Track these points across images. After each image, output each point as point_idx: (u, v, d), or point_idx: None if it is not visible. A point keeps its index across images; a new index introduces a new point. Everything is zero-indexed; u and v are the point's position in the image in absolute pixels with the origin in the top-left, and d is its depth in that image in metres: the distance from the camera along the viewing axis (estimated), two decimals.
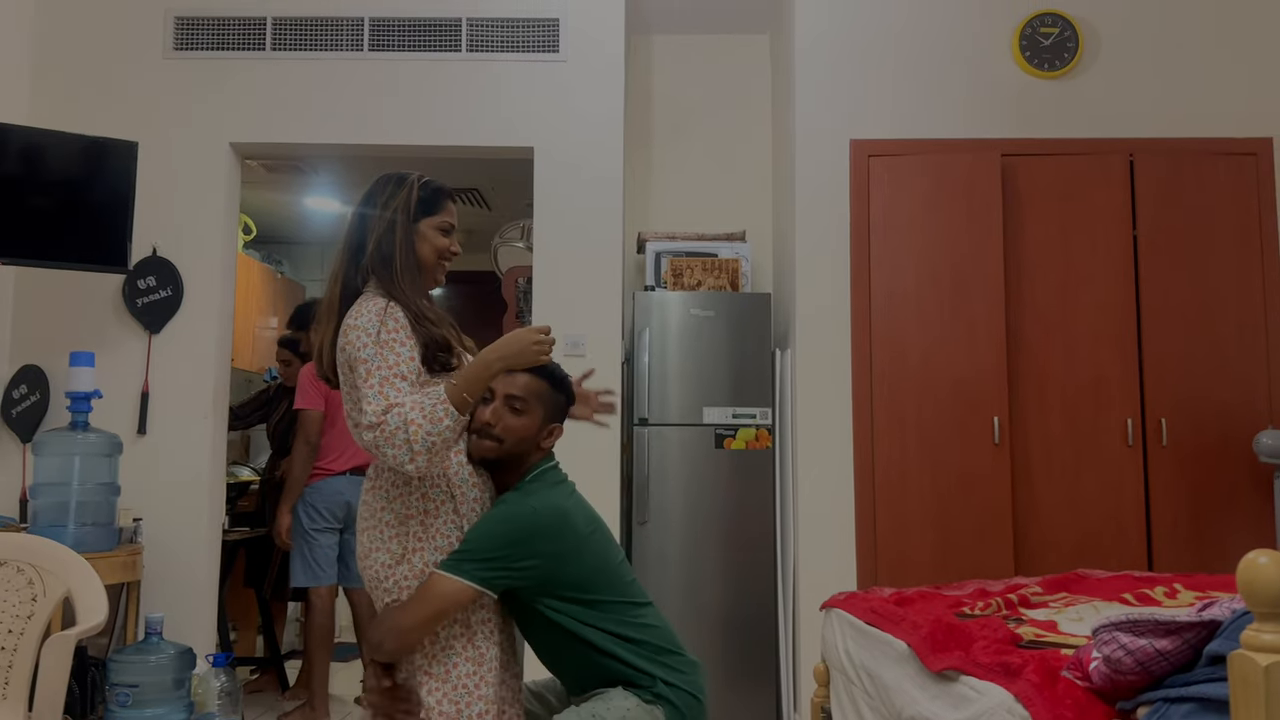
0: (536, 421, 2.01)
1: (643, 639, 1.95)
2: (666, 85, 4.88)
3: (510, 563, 1.84)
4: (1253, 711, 0.97)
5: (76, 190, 3.68)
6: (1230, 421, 3.93)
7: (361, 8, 4.19)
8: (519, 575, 1.86)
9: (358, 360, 1.86)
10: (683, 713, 1.91)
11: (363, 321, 1.89)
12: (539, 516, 1.89)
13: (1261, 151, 4.05)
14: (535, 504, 1.90)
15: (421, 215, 2.02)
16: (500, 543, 1.84)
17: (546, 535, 1.88)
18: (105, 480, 3.52)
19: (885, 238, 4.05)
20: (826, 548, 3.95)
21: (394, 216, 2.00)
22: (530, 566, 1.86)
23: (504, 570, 1.84)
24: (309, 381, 4.16)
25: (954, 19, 4.17)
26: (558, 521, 1.91)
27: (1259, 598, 0.97)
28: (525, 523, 1.87)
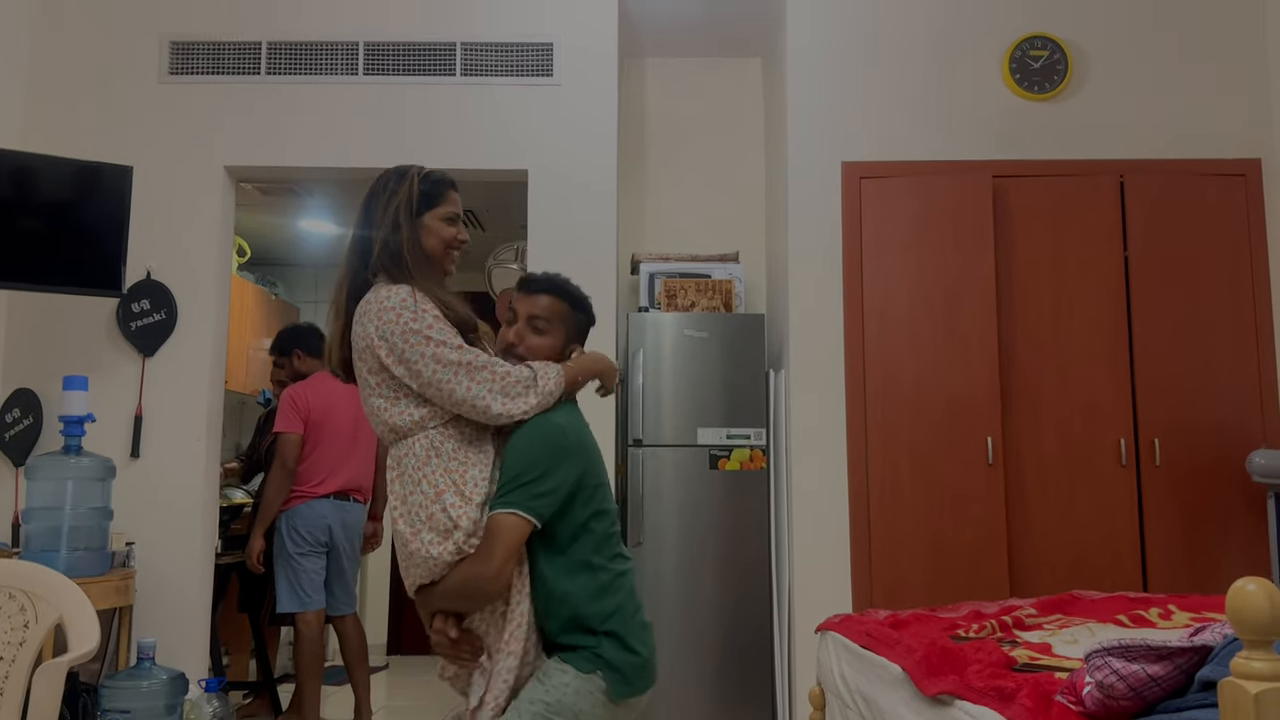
0: (559, 341, 2.05)
1: (618, 586, 1.92)
2: (660, 108, 4.91)
3: (547, 483, 1.85)
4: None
5: (71, 214, 3.69)
6: (1223, 441, 3.94)
7: (356, 32, 4.21)
8: (554, 496, 1.86)
9: (416, 345, 1.85)
10: (624, 674, 1.85)
11: (394, 302, 1.88)
12: (566, 431, 1.92)
13: (1250, 173, 4.08)
14: (560, 420, 1.93)
15: (425, 208, 2.02)
16: (534, 462, 1.86)
17: (574, 450, 1.91)
18: (98, 504, 3.50)
19: (878, 259, 4.06)
20: (821, 569, 3.94)
21: (397, 213, 2.00)
22: (562, 483, 1.87)
23: (544, 492, 1.85)
24: (288, 405, 4.15)
25: (945, 42, 4.21)
26: (581, 435, 1.95)
27: (1248, 625, 0.97)
28: (555, 435, 1.90)
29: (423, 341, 1.86)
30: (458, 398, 1.86)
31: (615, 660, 1.85)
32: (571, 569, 1.88)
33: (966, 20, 4.22)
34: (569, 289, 2.08)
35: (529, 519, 1.83)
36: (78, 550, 3.41)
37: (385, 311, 1.87)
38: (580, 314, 2.10)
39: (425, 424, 1.90)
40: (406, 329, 1.85)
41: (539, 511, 1.84)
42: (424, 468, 1.87)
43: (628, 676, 1.85)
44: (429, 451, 1.88)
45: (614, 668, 1.84)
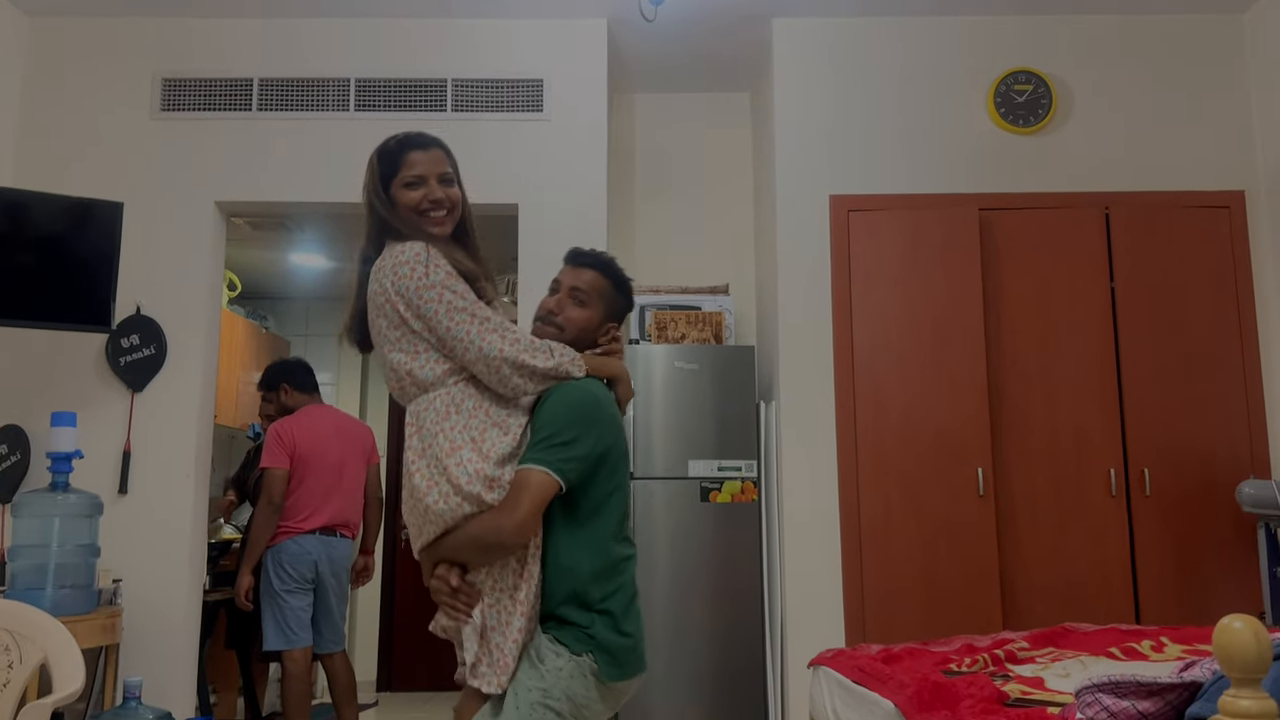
0: (596, 316, 2.06)
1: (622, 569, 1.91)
2: (650, 141, 4.94)
3: (578, 448, 1.85)
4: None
5: (60, 250, 3.69)
6: (1212, 471, 3.95)
7: (348, 69, 4.24)
8: (583, 460, 1.86)
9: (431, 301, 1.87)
10: (614, 656, 1.83)
11: (408, 257, 1.90)
12: (599, 398, 1.93)
13: (1234, 204, 4.13)
14: (591, 388, 1.94)
15: (388, 181, 2.03)
16: (565, 422, 1.86)
17: (606, 420, 1.92)
18: (85, 541, 3.48)
19: (866, 290, 4.09)
20: (814, 601, 3.93)
21: (371, 199, 2.04)
22: (592, 450, 1.87)
23: (576, 454, 1.85)
24: (274, 440, 4.13)
25: (930, 77, 4.26)
26: (613, 408, 1.96)
27: (1234, 663, 0.97)
28: (590, 402, 1.91)
29: (436, 296, 1.87)
30: (473, 350, 1.87)
31: (607, 641, 1.83)
32: (585, 543, 1.88)
33: (951, 55, 4.27)
34: (614, 268, 2.11)
35: (557, 479, 1.82)
36: (64, 588, 3.38)
37: (400, 266, 1.89)
38: (621, 296, 2.11)
39: (446, 379, 1.91)
40: (420, 284, 1.87)
41: (567, 474, 1.83)
42: (443, 422, 1.87)
43: (618, 659, 1.84)
44: (449, 407, 1.89)
45: (605, 649, 1.83)
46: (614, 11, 4.23)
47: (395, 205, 2.01)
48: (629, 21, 4.29)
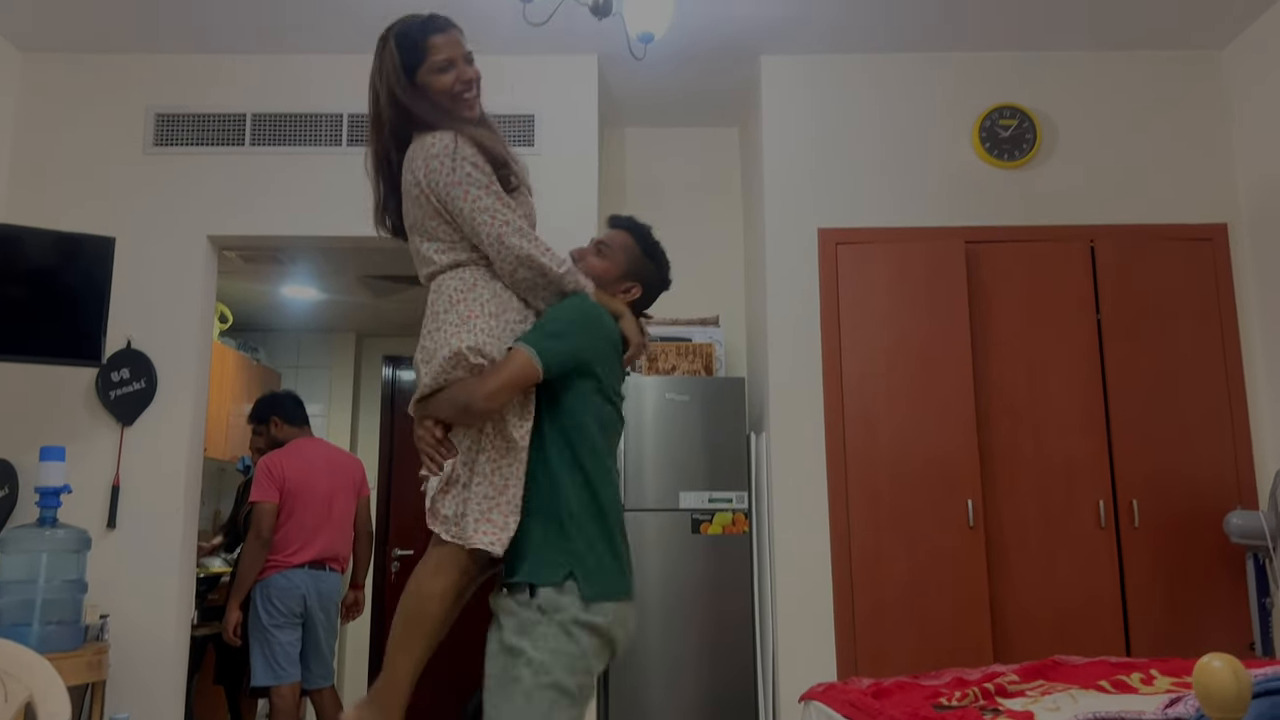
0: (615, 269, 2.13)
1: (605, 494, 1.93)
2: (640, 175, 4.99)
3: (565, 341, 1.92)
4: None
5: (52, 285, 3.70)
6: (1200, 502, 3.97)
7: (341, 104, 4.28)
8: (565, 355, 1.91)
9: (457, 198, 1.93)
10: (592, 574, 1.85)
11: (436, 149, 1.94)
12: (602, 317, 2.00)
13: (1217, 237, 4.18)
14: (597, 307, 2.01)
15: (413, 69, 2.04)
16: (561, 320, 1.94)
17: (602, 335, 1.98)
18: (73, 577, 3.46)
19: (855, 323, 4.11)
20: (805, 633, 3.92)
21: (393, 89, 2.03)
22: (579, 348, 1.93)
23: (560, 346, 1.91)
24: (264, 474, 4.12)
25: (916, 112, 4.32)
26: (611, 324, 2.02)
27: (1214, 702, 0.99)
28: (591, 311, 1.98)
29: (463, 193, 1.93)
30: (495, 244, 1.94)
31: (594, 561, 1.86)
32: (562, 455, 1.92)
33: (937, 91, 4.33)
34: (644, 232, 2.17)
35: (535, 361, 1.88)
36: (50, 624, 3.36)
37: (430, 160, 1.95)
38: (649, 261, 2.16)
39: (475, 261, 1.99)
40: (449, 178, 1.93)
41: (547, 358, 1.90)
42: (468, 293, 1.96)
43: (594, 577, 1.85)
44: (475, 280, 1.97)
45: (589, 568, 1.86)
46: (604, 48, 4.28)
47: (427, 91, 2.03)
48: (619, 58, 4.34)
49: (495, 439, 1.92)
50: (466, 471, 1.92)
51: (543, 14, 3.93)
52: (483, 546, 1.86)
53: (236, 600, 4.03)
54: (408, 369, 7.09)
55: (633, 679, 3.96)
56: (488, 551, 1.88)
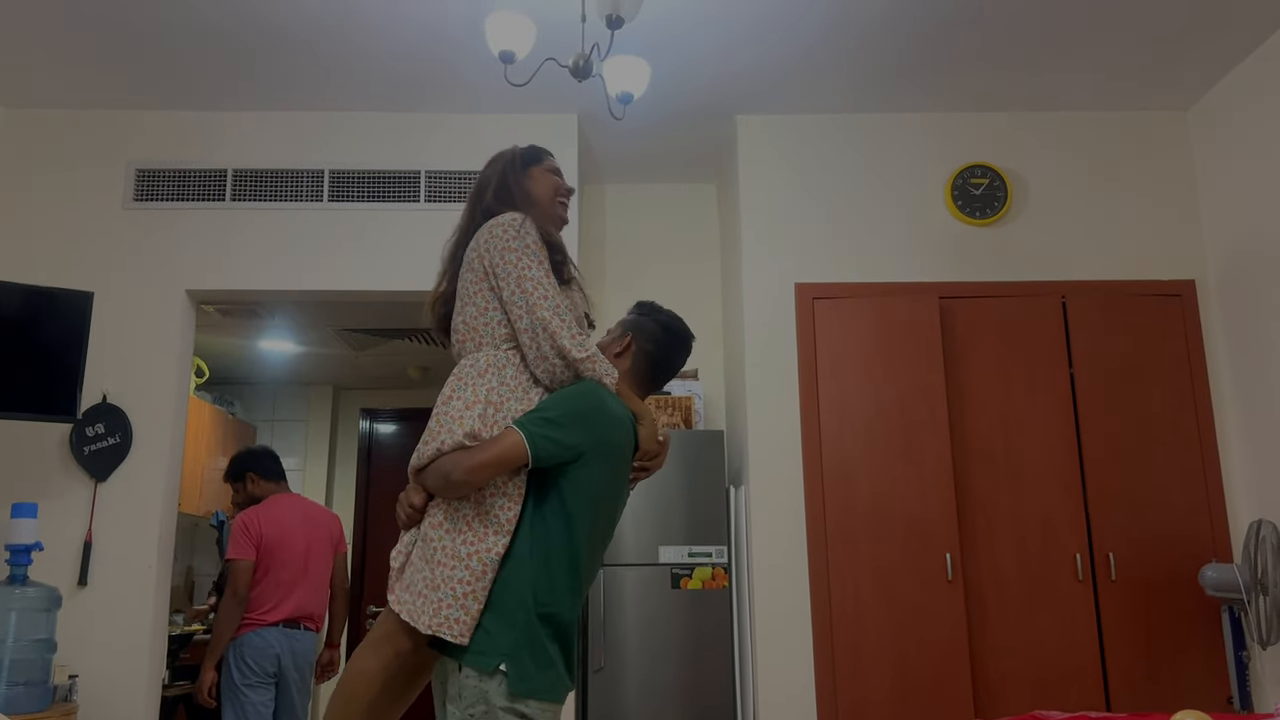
0: (613, 336, 2.16)
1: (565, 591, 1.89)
2: (619, 230, 5.04)
3: (561, 430, 1.89)
4: None
5: (27, 340, 3.68)
6: (1176, 555, 4.00)
7: (322, 160, 4.32)
8: (559, 444, 1.88)
9: (509, 264, 2.00)
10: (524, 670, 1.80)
11: (504, 221, 2.04)
12: (608, 409, 1.96)
13: (1185, 293, 4.26)
14: (605, 396, 1.97)
15: (528, 165, 2.22)
16: (564, 407, 1.92)
17: (608, 424, 1.94)
18: (42, 636, 3.39)
19: (832, 376, 4.15)
20: (786, 688, 3.89)
21: (505, 176, 2.19)
22: (576, 443, 1.90)
23: (556, 436, 1.88)
24: (240, 531, 4.07)
25: (890, 170, 4.40)
26: (619, 419, 1.98)
27: None
28: (599, 403, 1.94)
29: (515, 260, 2.00)
30: (526, 316, 1.97)
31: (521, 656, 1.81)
32: (540, 558, 1.88)
33: (910, 150, 4.42)
34: (657, 309, 2.18)
35: (526, 447, 1.86)
36: (17, 685, 3.28)
37: (494, 228, 2.04)
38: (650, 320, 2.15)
39: (501, 344, 2.03)
40: (506, 245, 2.01)
41: (538, 445, 1.87)
42: (478, 379, 1.98)
43: (526, 673, 1.80)
44: (490, 367, 2.00)
45: (518, 659, 1.81)
46: (583, 108, 4.35)
47: (529, 182, 2.19)
48: (599, 117, 4.42)
49: (474, 518, 1.90)
50: (437, 547, 1.89)
51: (524, 75, 4.00)
52: (444, 635, 1.83)
53: (212, 660, 3.95)
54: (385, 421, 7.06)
55: None
56: (440, 637, 1.85)
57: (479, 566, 1.86)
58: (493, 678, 1.79)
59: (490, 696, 1.79)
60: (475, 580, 1.85)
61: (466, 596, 1.84)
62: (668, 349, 2.15)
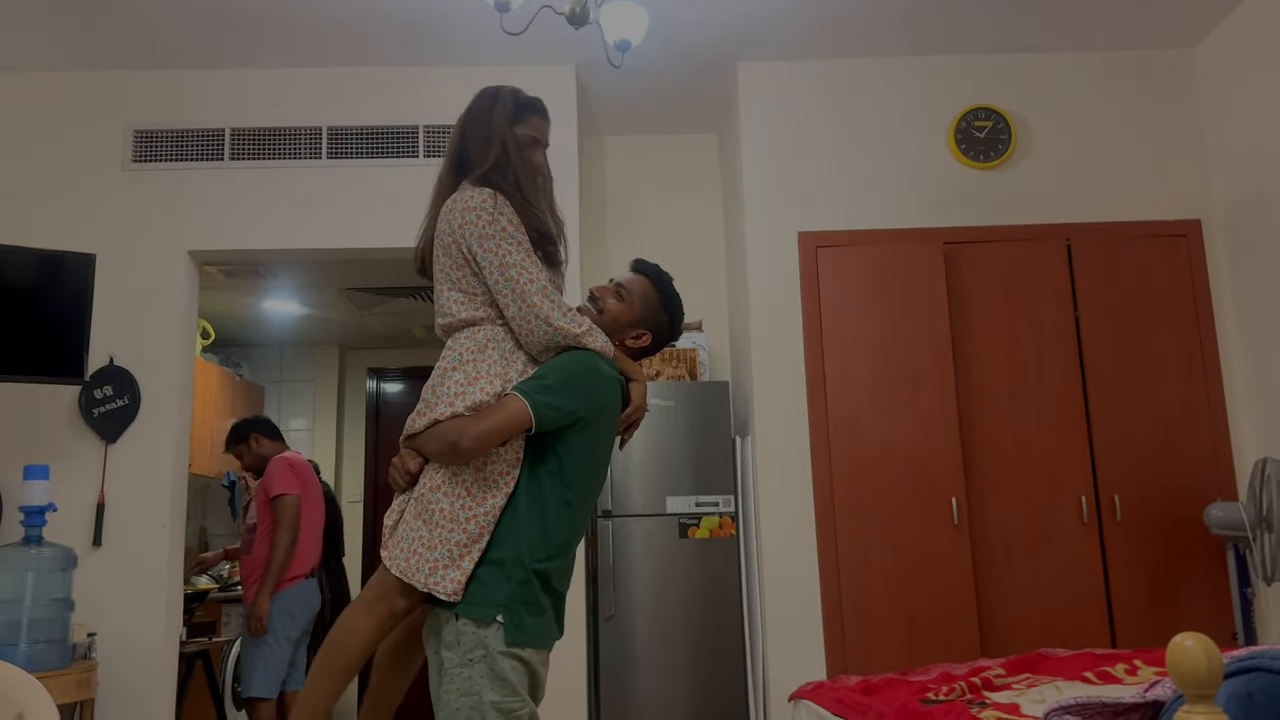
0: (631, 314, 2.16)
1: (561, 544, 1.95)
2: (619, 182, 5.01)
3: (561, 397, 1.93)
4: None
5: (33, 304, 3.69)
6: (1181, 495, 4.02)
7: (320, 118, 4.29)
8: (559, 410, 1.93)
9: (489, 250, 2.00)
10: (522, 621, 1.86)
11: (475, 203, 2.02)
12: (603, 374, 2.00)
13: (1191, 233, 4.24)
14: (599, 363, 2.02)
15: (521, 114, 2.17)
16: (562, 375, 1.96)
17: (603, 390, 1.99)
18: (59, 595, 3.44)
19: (837, 325, 4.15)
20: (794, 634, 3.94)
21: (501, 126, 2.14)
22: (574, 408, 1.94)
23: (556, 403, 1.92)
24: (286, 469, 4.17)
25: (892, 115, 4.36)
26: (611, 384, 2.02)
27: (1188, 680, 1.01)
28: (595, 370, 1.99)
29: (494, 247, 1.99)
30: (514, 301, 1.98)
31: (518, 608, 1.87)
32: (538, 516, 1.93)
33: (912, 94, 4.38)
34: (664, 282, 2.21)
35: (530, 413, 1.90)
36: (38, 643, 3.34)
37: (467, 212, 2.01)
38: (664, 313, 2.20)
39: (487, 322, 2.04)
40: (483, 232, 2.00)
41: (540, 412, 1.91)
42: (478, 354, 2.00)
43: (524, 624, 1.87)
44: (488, 342, 2.02)
45: (514, 611, 1.86)
46: (582, 58, 4.31)
47: (520, 133, 2.15)
48: (597, 67, 4.37)
49: (473, 483, 1.93)
50: (435, 509, 1.92)
51: (520, 23, 3.96)
52: (438, 594, 1.87)
53: (268, 590, 4.03)
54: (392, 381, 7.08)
55: (623, 681, 3.98)
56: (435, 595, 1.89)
57: (476, 530, 1.90)
58: (489, 627, 1.85)
59: (489, 642, 1.84)
60: (472, 542, 1.90)
61: (463, 558, 1.89)
62: (663, 344, 2.25)
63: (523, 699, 1.84)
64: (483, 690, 1.82)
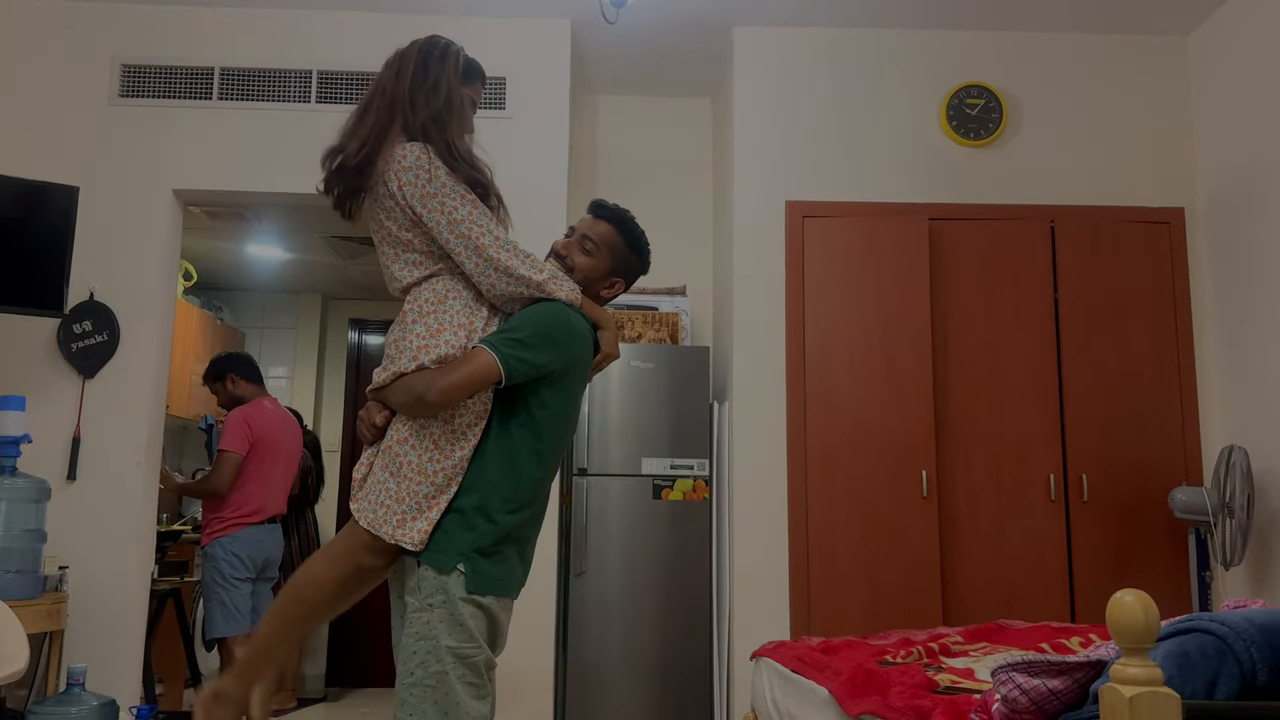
0: (601, 266, 2.13)
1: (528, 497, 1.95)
2: (611, 143, 5.00)
3: (532, 351, 1.92)
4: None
5: (13, 234, 3.66)
6: (1148, 478, 4.08)
7: (310, 60, 4.25)
8: (529, 364, 1.92)
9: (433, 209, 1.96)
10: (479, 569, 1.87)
11: (409, 162, 1.97)
12: (573, 325, 1.99)
13: (1174, 220, 4.27)
14: (570, 314, 2.00)
15: (471, 78, 2.16)
16: (534, 328, 1.94)
17: (575, 342, 1.98)
18: (31, 527, 3.45)
19: (819, 295, 4.17)
20: (761, 598, 4.00)
21: (451, 75, 2.11)
22: (543, 359, 1.94)
23: (527, 356, 1.92)
24: (240, 424, 4.18)
25: (885, 89, 4.36)
26: (584, 337, 2.01)
27: (1125, 633, 1.05)
28: (565, 322, 1.97)
29: (438, 205, 1.95)
30: (470, 255, 1.95)
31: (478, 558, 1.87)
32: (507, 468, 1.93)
33: (907, 67, 4.37)
34: (630, 225, 2.18)
35: (499, 366, 1.89)
36: (9, 573, 3.35)
37: (403, 173, 1.97)
38: (634, 255, 2.18)
39: (450, 271, 2.01)
40: (425, 190, 1.96)
41: (510, 365, 1.90)
42: (439, 305, 1.98)
43: (483, 571, 1.87)
44: (447, 292, 2.00)
45: (474, 560, 1.87)
46: (577, 13, 4.28)
47: (464, 94, 2.12)
48: (592, 23, 4.34)
49: (440, 435, 1.92)
50: (403, 462, 1.92)
51: None
52: (404, 545, 1.88)
53: (184, 492, 4.29)
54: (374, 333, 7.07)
55: (591, 637, 4.03)
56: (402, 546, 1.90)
57: (443, 481, 1.91)
58: (450, 574, 1.86)
59: (449, 588, 1.85)
60: (439, 493, 1.90)
61: (430, 509, 1.90)
62: (639, 275, 2.22)
63: (479, 645, 1.84)
64: (440, 635, 1.83)
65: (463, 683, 1.81)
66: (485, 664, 1.86)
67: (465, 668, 1.82)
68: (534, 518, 2.00)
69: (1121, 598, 1.06)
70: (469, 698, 1.82)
